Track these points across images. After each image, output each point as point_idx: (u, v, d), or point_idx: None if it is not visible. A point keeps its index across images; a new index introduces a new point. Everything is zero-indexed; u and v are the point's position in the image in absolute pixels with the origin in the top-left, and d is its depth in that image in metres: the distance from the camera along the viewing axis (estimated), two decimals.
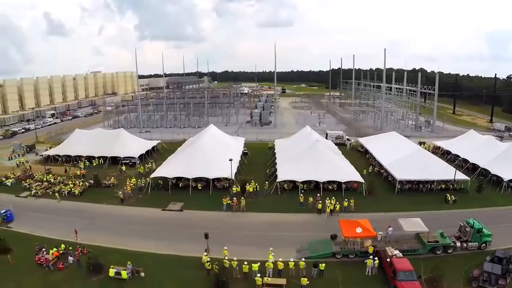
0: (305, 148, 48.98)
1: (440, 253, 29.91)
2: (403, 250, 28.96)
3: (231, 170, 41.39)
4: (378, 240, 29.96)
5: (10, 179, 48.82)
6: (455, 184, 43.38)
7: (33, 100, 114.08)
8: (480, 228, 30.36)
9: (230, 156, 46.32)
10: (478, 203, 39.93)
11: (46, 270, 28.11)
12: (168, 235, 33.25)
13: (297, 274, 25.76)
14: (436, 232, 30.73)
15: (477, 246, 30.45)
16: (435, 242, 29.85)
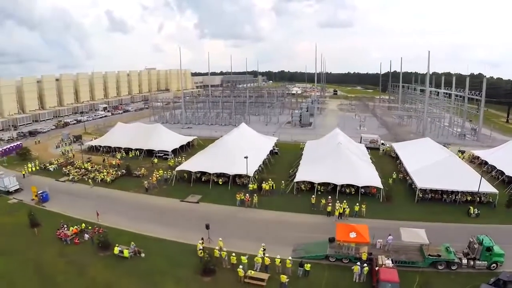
0: (328, 150, 49.63)
1: (442, 268, 28.99)
2: (401, 261, 28.74)
3: (247, 167, 43.51)
4: (377, 248, 30.06)
5: (53, 165, 56.31)
6: (482, 196, 41.66)
7: (88, 94, 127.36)
8: (490, 246, 28.93)
9: (254, 154, 48.88)
10: (504, 219, 38.21)
11: (64, 243, 32.92)
12: (178, 223, 36.48)
13: (284, 272, 26.97)
14: (442, 246, 29.92)
15: (486, 265, 29.03)
16: (436, 256, 29.00)
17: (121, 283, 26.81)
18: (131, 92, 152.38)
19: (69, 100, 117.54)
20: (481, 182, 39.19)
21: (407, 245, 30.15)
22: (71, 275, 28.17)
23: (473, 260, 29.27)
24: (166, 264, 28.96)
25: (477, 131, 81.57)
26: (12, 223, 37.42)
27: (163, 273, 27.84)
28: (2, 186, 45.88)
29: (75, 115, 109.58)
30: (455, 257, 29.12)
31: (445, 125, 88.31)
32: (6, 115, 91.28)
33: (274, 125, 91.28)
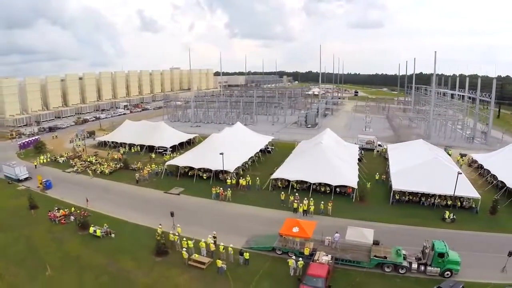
0: (309, 149, 53.16)
1: (389, 271, 29.47)
2: (346, 260, 30.14)
3: (223, 163, 48.16)
4: (325, 245, 32.16)
5: (62, 158, 64.01)
6: (464, 201, 42.28)
7: (110, 92, 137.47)
8: (442, 252, 28.49)
9: (241, 152, 53.74)
10: (482, 226, 38.29)
11: (53, 223, 39.36)
12: (154, 211, 41.59)
13: (228, 258, 31.04)
14: (393, 248, 30.54)
15: (439, 272, 28.72)
16: (383, 258, 29.56)
17: (88, 257, 32.49)
18: (153, 91, 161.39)
19: (91, 98, 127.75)
20: (456, 186, 39.60)
21: (356, 244, 31.24)
22: (51, 249, 34.31)
23: (425, 265, 29.14)
24: (130, 244, 34.36)
25: (486, 134, 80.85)
26: (16, 205, 44.50)
27: (125, 251, 33.20)
28: (13, 174, 53.61)
29: (96, 113, 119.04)
30: (403, 260, 29.28)
31: (457, 128, 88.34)
32: (30, 111, 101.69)
33: (281, 125, 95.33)
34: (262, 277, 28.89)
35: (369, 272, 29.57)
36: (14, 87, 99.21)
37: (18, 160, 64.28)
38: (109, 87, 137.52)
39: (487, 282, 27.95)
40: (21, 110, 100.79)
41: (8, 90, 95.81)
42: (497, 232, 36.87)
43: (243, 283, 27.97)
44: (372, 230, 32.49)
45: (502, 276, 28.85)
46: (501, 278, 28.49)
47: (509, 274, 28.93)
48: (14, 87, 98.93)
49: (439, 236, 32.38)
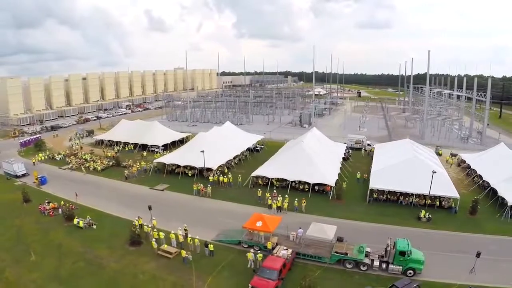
0: (291, 148, 55.92)
1: (351, 267, 30.61)
2: (308, 254, 31.64)
3: (204, 161, 51.28)
4: (290, 240, 34.22)
5: (59, 155, 68.08)
6: (443, 201, 43.41)
7: (113, 92, 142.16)
8: (404, 251, 29.15)
9: (227, 150, 56.98)
10: (458, 226, 39.21)
11: (42, 215, 43.01)
12: (136, 206, 44.54)
13: (195, 250, 33.93)
14: (356, 245, 31.59)
15: (401, 271, 29.41)
16: (344, 254, 30.70)
17: (69, 245, 35.92)
18: (156, 91, 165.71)
19: (94, 97, 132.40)
20: (432, 185, 40.78)
21: (317, 240, 32.66)
22: (37, 238, 37.88)
23: (387, 263, 29.95)
24: (108, 235, 37.68)
25: (482, 134, 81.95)
26: (11, 199, 48.36)
27: (103, 240, 36.53)
28: (11, 170, 57.72)
29: (98, 112, 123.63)
30: (364, 257, 30.25)
31: (454, 128, 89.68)
32: (34, 110, 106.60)
33: (276, 125, 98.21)
34: (224, 268, 31.33)
35: (331, 267, 30.97)
36: (18, 87, 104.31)
37: (19, 157, 68.48)
38: (112, 87, 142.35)
39: (453, 282, 28.58)
40: (25, 109, 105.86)
41: (13, 90, 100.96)
42: (473, 233, 37.72)
43: (205, 273, 30.51)
44: (335, 226, 33.92)
45: (470, 277, 29.31)
46: (468, 279, 28.99)
47: (478, 275, 29.28)
48: (18, 87, 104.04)
49: (413, 235, 33.90)
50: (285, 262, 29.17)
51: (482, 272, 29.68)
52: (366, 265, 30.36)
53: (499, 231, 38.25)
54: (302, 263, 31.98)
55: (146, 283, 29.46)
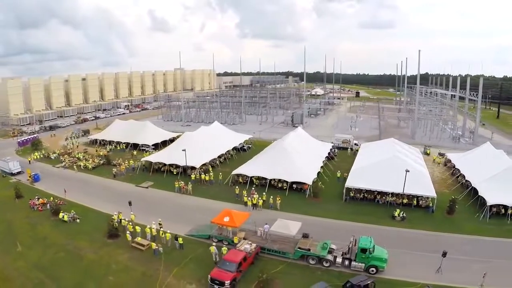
0: (273, 147, 58.58)
1: (314, 263, 31.86)
2: (273, 250, 33.43)
3: (186, 159, 54.21)
4: (257, 236, 35.90)
5: (54, 154, 71.59)
6: (420, 200, 44.58)
7: (112, 92, 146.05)
8: (365, 248, 30.02)
9: (212, 149, 60.00)
10: (433, 225, 40.06)
11: (32, 210, 46.33)
12: (120, 201, 47.38)
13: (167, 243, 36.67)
14: (321, 242, 32.92)
15: (363, 268, 30.34)
16: (306, 250, 32.05)
17: (53, 237, 39.10)
18: (155, 91, 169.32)
19: (94, 98, 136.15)
20: (407, 185, 42.21)
21: (284, 235, 34.36)
22: (25, 230, 41.14)
23: (350, 260, 30.97)
24: (90, 228, 40.75)
25: (474, 134, 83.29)
26: (4, 195, 51.71)
27: (84, 233, 39.63)
28: (7, 168, 61.26)
29: (98, 112, 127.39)
30: (327, 254, 31.48)
31: (449, 127, 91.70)
32: (34, 111, 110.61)
33: (268, 124, 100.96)
34: (191, 260, 33.84)
35: (294, 263, 32.54)
36: (19, 87, 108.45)
37: (16, 156, 72.06)
38: (112, 87, 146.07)
39: (416, 281, 29.31)
40: (25, 109, 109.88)
41: (13, 90, 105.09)
42: (448, 232, 38.66)
43: (172, 264, 33.16)
44: (300, 223, 35.67)
45: (436, 276, 30.19)
46: (434, 278, 29.88)
47: (446, 275, 30.12)
48: (18, 87, 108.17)
49: (386, 234, 35.91)
50: (246, 256, 31.16)
51: (450, 272, 30.63)
52: (329, 262, 31.53)
53: (476, 231, 39.03)
54: (267, 257, 33.81)
55: (117, 272, 32.42)
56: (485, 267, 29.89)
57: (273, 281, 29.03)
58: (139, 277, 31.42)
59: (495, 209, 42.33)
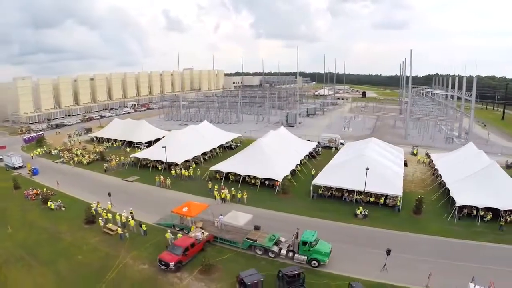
0: (252, 145, 63.50)
1: (261, 253, 35.14)
2: (225, 239, 37.29)
3: (166, 156, 59.84)
4: (214, 226, 40.24)
5: (55, 150, 78.76)
6: (388, 199, 46.77)
7: (120, 92, 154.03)
8: (305, 241, 32.49)
9: (196, 147, 65.66)
10: (394, 224, 42.03)
11: (26, 199, 52.97)
12: (105, 193, 53.02)
13: (133, 230, 42.08)
14: (269, 234, 36.12)
15: (305, 260, 32.76)
16: (253, 241, 35.36)
17: (39, 222, 45.34)
18: (163, 91, 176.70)
19: (102, 97, 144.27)
20: (361, 183, 44.77)
21: (235, 226, 38.29)
22: (17, 216, 47.56)
23: (293, 252, 33.57)
24: (72, 215, 46.75)
25: (468, 134, 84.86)
26: (4, 186, 58.59)
27: (66, 219, 45.74)
28: (10, 163, 68.56)
29: (104, 111, 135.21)
30: (272, 245, 34.53)
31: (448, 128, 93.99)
32: (44, 109, 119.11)
33: (263, 124, 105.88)
34: (151, 245, 38.67)
35: (244, 252, 36.12)
36: (28, 87, 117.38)
37: (21, 152, 79.67)
38: (119, 87, 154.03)
39: (357, 277, 30.85)
40: (34, 108, 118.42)
41: (23, 90, 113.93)
42: (409, 232, 40.51)
43: (133, 248, 38.36)
44: (250, 215, 40.06)
45: (379, 274, 31.88)
46: (376, 276, 31.69)
47: (391, 273, 31.74)
48: (28, 87, 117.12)
49: (344, 230, 39.47)
50: (194, 242, 35.39)
51: (396, 270, 32.18)
52: (274, 253, 34.49)
53: (439, 231, 40.53)
54: (220, 246, 37.93)
55: (86, 253, 37.96)
56: (434, 267, 31.78)
57: (215, 267, 33.53)
58: (103, 257, 36.92)
59: (466, 210, 43.56)
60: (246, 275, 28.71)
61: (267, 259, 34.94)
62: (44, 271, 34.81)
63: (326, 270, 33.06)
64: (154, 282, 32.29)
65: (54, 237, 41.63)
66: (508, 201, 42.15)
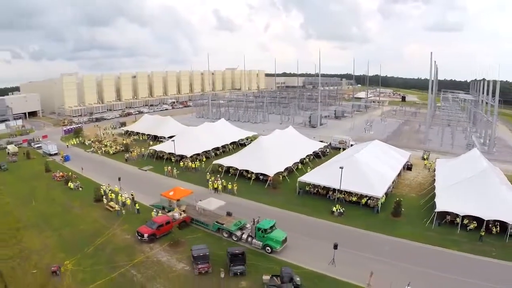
0: (254, 142, 70.27)
1: (227, 236, 41.05)
2: (200, 221, 44.24)
3: (174, 148, 68.26)
4: (196, 210, 47.08)
5: (89, 141, 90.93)
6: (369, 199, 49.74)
7: (161, 89, 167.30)
8: (260, 228, 37.81)
9: (208, 142, 74.01)
10: (365, 224, 44.96)
11: (53, 180, 64.06)
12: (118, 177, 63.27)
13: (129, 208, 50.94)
14: (237, 220, 42.30)
15: (261, 246, 38.06)
16: (220, 224, 41.59)
17: (59, 198, 55.60)
18: (204, 90, 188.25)
19: (143, 94, 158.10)
20: (341, 182, 48.08)
21: (210, 210, 45.01)
22: (42, 193, 58.38)
23: (252, 237, 39.05)
24: (86, 194, 56.37)
25: (490, 141, 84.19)
26: (39, 169, 70.60)
27: (80, 197, 55.59)
28: (47, 150, 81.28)
29: (144, 107, 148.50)
30: (235, 229, 40.29)
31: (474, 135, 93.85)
32: (87, 104, 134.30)
33: (287, 124, 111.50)
34: (141, 221, 45.09)
35: (214, 234, 42.51)
36: (73, 83, 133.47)
37: (59, 142, 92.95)
38: (160, 84, 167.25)
39: (303, 266, 35.45)
40: (78, 102, 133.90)
41: (68, 85, 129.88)
42: (377, 232, 43.20)
43: (126, 222, 46.58)
44: (223, 202, 46.20)
45: (326, 267, 35.31)
46: (323, 268, 35.20)
47: (338, 267, 34.96)
48: (73, 83, 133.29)
49: (314, 225, 44.42)
50: (169, 220, 42.82)
51: (345, 266, 35.18)
52: (237, 237, 40.03)
53: (410, 235, 42.24)
54: (195, 227, 44.98)
55: (88, 223, 46.89)
56: (383, 268, 34.59)
57: (182, 242, 40.66)
58: (99, 227, 45.66)
59: (450, 217, 44.76)
60: (196, 249, 35.62)
61: (230, 241, 40.54)
62: (51, 234, 44.18)
63: (279, 256, 37.75)
64: (131, 248, 40.25)
65: (66, 211, 51.31)
66: (493, 211, 41.82)
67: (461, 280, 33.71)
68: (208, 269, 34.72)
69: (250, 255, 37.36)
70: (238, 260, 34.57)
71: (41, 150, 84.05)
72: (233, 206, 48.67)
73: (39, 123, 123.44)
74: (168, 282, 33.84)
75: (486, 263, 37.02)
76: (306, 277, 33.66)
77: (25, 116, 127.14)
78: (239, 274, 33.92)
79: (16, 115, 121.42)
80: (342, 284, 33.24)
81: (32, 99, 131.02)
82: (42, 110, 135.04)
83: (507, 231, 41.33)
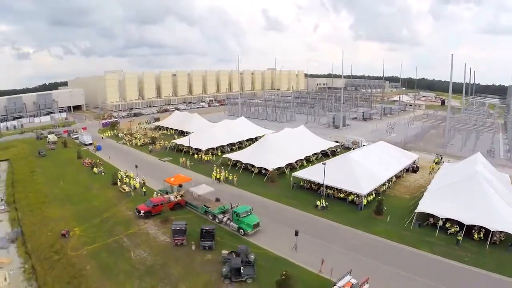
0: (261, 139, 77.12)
1: (211, 218, 47.94)
2: (193, 204, 51.57)
3: (189, 141, 76.63)
4: (193, 195, 53.75)
5: (122, 134, 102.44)
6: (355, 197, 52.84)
7: (200, 88, 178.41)
8: (235, 212, 44.04)
9: (224, 138, 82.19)
10: (343, 219, 48.48)
11: (82, 165, 75.07)
12: (139, 166, 72.16)
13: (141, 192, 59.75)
14: (223, 204, 49.00)
15: (236, 228, 44.22)
16: (207, 207, 48.66)
17: (83, 181, 65.87)
18: (243, 89, 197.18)
19: (182, 92, 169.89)
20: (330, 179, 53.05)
21: (198, 194, 52.18)
22: (71, 176, 69.17)
23: (230, 220, 45.79)
24: (107, 178, 66.04)
25: (510, 148, 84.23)
26: (72, 156, 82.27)
27: (101, 180, 65.60)
28: (82, 140, 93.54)
29: (182, 104, 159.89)
30: (218, 213, 46.96)
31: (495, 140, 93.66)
32: (128, 100, 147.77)
33: (312, 124, 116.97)
34: (144, 201, 53.39)
35: (202, 216, 49.57)
36: (115, 80, 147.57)
37: (96, 133, 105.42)
38: (200, 83, 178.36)
39: (267, 249, 40.64)
40: (120, 98, 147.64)
41: (110, 82, 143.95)
42: (351, 227, 46.46)
43: (131, 201, 55.01)
44: (212, 188, 53.49)
45: (288, 252, 39.73)
46: (285, 253, 39.68)
47: (299, 254, 39.36)
48: (115, 80, 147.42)
49: (297, 217, 48.98)
50: (164, 201, 50.98)
51: (306, 253, 39.52)
52: (219, 219, 46.98)
53: (384, 233, 44.70)
54: (189, 209, 52.29)
55: (101, 201, 56.26)
56: (343, 260, 37.71)
57: (171, 219, 48.46)
58: (109, 205, 54.84)
59: (433, 220, 46.07)
60: (175, 224, 43.03)
61: (213, 223, 46.96)
62: (70, 208, 54.10)
63: (249, 239, 43.08)
64: (129, 222, 48.88)
65: (87, 190, 61.31)
66: (475, 216, 42.71)
67: (420, 280, 35.27)
68: (183, 242, 42.16)
69: (226, 235, 44.50)
70: (208, 236, 41.10)
71: (78, 140, 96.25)
72: (229, 195, 55.97)
73: (82, 116, 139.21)
74: (150, 249, 41.77)
75: (454, 267, 37.92)
76: (265, 257, 39.21)
77: (70, 110, 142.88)
78: (207, 248, 41.00)
79: (61, 108, 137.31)
80: (296, 267, 37.13)
81: (77, 94, 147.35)
82: (87, 104, 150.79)
83: (489, 238, 41.64)
